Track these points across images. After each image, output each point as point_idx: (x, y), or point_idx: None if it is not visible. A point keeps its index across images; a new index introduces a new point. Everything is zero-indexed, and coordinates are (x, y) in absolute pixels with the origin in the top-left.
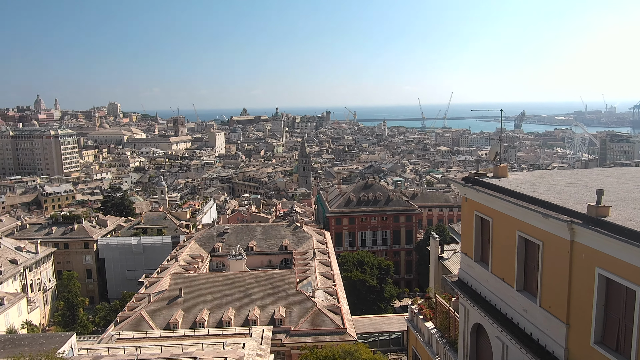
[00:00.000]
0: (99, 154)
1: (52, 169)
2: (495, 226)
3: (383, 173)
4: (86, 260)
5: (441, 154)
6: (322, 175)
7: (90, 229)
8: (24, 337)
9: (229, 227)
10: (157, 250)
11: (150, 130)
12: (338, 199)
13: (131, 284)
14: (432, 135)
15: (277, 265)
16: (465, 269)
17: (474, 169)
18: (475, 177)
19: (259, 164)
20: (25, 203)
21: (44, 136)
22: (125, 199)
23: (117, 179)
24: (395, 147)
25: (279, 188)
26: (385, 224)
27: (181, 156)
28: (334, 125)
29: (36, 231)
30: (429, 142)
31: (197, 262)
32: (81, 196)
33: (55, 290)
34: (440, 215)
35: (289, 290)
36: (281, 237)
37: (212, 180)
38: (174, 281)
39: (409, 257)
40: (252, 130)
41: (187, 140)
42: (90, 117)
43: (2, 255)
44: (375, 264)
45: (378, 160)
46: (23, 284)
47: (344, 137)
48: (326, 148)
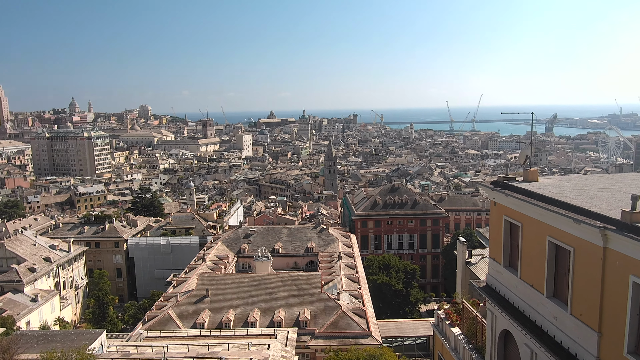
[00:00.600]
0: (129, 156)
1: (85, 170)
2: (525, 231)
3: (410, 176)
4: (116, 259)
5: (469, 157)
6: (348, 178)
7: (120, 229)
8: (56, 333)
9: (255, 228)
10: (185, 250)
11: (179, 132)
12: (364, 201)
13: (159, 283)
14: (461, 138)
15: (303, 268)
16: (493, 275)
17: (503, 172)
18: (504, 181)
19: (285, 166)
20: (59, 203)
21: (77, 138)
22: (154, 200)
23: (147, 180)
24: (423, 150)
25: (305, 190)
26: (411, 227)
27: (209, 158)
28: (361, 128)
29: (69, 230)
30: (457, 145)
31: (223, 263)
32: (112, 196)
33: (87, 288)
34: (467, 220)
35: (314, 293)
36: (307, 239)
37: (239, 182)
38: (201, 281)
39: (435, 261)
40: (279, 132)
41: (215, 142)
42: (122, 120)
43: (37, 253)
44: (401, 268)
45: (405, 163)
46: (56, 281)
47: (370, 140)
48: (353, 151)
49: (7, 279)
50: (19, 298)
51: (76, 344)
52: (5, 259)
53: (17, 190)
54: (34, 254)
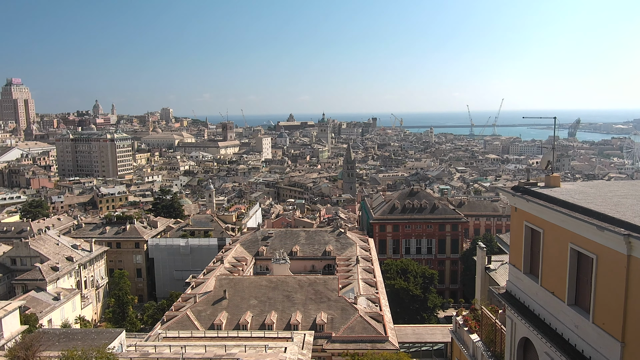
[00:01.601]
0: (151, 157)
1: (107, 171)
2: (546, 238)
3: (429, 180)
4: (136, 259)
5: (490, 162)
6: (367, 181)
7: (141, 230)
8: (77, 331)
9: (273, 231)
10: (204, 252)
11: (200, 134)
12: (382, 205)
13: (178, 284)
14: (481, 143)
15: (320, 271)
16: (513, 281)
17: (524, 178)
18: (525, 187)
19: (304, 169)
20: (82, 203)
21: (101, 139)
22: (174, 201)
23: (167, 181)
24: (443, 154)
25: (323, 194)
26: (430, 232)
27: (229, 160)
28: (380, 131)
29: (91, 230)
30: (478, 150)
31: (241, 265)
32: (133, 197)
33: (107, 287)
34: (487, 225)
35: (331, 296)
36: (325, 242)
37: (258, 185)
38: (219, 283)
39: (454, 266)
40: (298, 135)
41: (235, 145)
42: (144, 122)
43: (60, 252)
44: (419, 273)
45: (424, 167)
46: (78, 280)
47: (389, 144)
48: (372, 154)
49: (30, 277)
50: (41, 296)
51: (96, 342)
52: (29, 257)
53: (42, 191)
54: (57, 253)
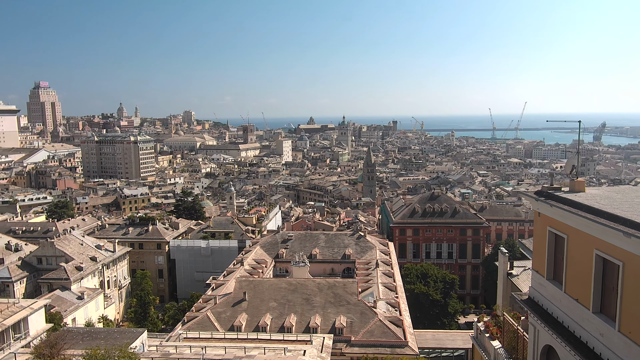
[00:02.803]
0: (173, 160)
1: (130, 173)
2: (571, 243)
3: (450, 184)
4: (158, 260)
5: (512, 166)
6: (387, 185)
7: (163, 231)
8: (100, 330)
9: (293, 234)
10: (224, 253)
11: (221, 137)
12: (403, 209)
13: (199, 285)
14: (503, 147)
15: (340, 274)
16: (536, 287)
17: (547, 182)
18: (549, 191)
19: (324, 172)
20: (106, 204)
21: (124, 142)
22: (196, 203)
23: (189, 183)
24: (464, 158)
25: (343, 197)
26: (451, 236)
27: (250, 163)
28: (401, 135)
29: (114, 231)
30: (500, 154)
31: (261, 267)
32: (156, 199)
33: (129, 288)
34: (510, 230)
35: (350, 300)
36: (344, 245)
37: (278, 187)
38: (239, 285)
39: (475, 272)
40: (318, 138)
41: (255, 147)
42: (166, 125)
43: (84, 252)
44: (440, 278)
45: (445, 171)
46: (101, 280)
47: (410, 147)
48: (392, 158)
49: (56, 276)
50: (66, 295)
51: (119, 342)
52: (54, 257)
53: (67, 192)
54: (81, 253)
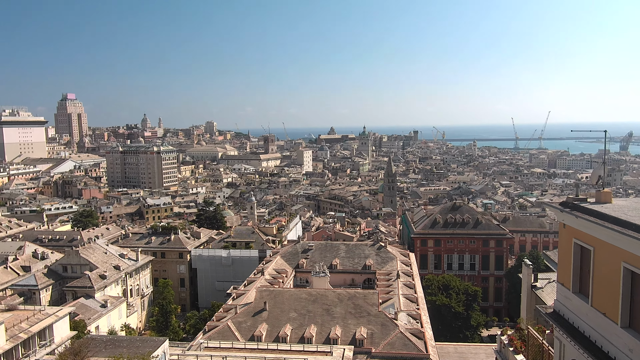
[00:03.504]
0: (195, 170)
1: (153, 183)
2: (597, 256)
3: (472, 195)
4: (180, 269)
5: (536, 177)
6: (407, 195)
7: (185, 240)
8: (122, 339)
9: (313, 244)
10: (245, 263)
11: (242, 147)
12: (424, 219)
13: (220, 295)
14: (526, 157)
15: (360, 285)
16: (561, 300)
17: (572, 193)
18: (574, 202)
19: (344, 182)
20: (130, 213)
21: (148, 152)
22: (217, 213)
23: (210, 193)
24: (486, 168)
25: (363, 207)
26: (473, 247)
27: (270, 173)
28: (422, 144)
29: (137, 240)
30: (523, 164)
31: (281, 277)
32: (178, 209)
33: (151, 296)
34: (534, 241)
35: (371, 311)
36: (365, 256)
37: (299, 197)
38: (260, 294)
39: (498, 284)
40: (339, 148)
41: (276, 157)
42: (189, 135)
43: (108, 261)
44: (462, 289)
45: (467, 181)
46: (124, 288)
47: (431, 157)
48: (413, 168)
49: (80, 284)
50: (90, 303)
51: (141, 350)
52: (79, 265)
53: (92, 201)
54: (105, 262)
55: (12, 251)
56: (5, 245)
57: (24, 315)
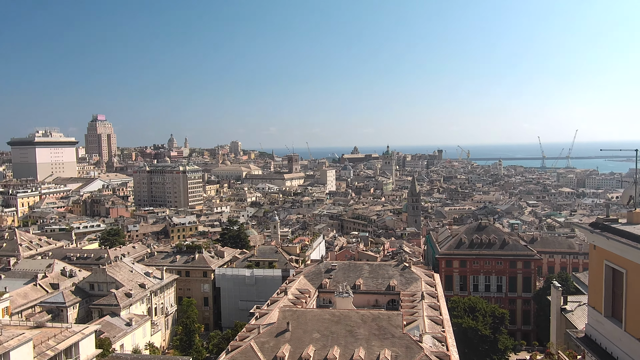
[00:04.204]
0: (220, 189)
1: (179, 202)
2: (630, 279)
3: (498, 215)
4: (204, 288)
5: (564, 196)
6: (432, 215)
7: (209, 259)
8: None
9: (336, 263)
10: (268, 282)
11: (266, 167)
12: (449, 240)
13: (243, 314)
14: (554, 176)
15: (384, 306)
16: (593, 325)
17: (602, 213)
18: (605, 223)
19: (368, 201)
20: (155, 232)
21: (174, 171)
22: (241, 232)
23: (235, 212)
24: (512, 187)
25: (387, 227)
26: (500, 269)
27: (294, 192)
28: (446, 164)
29: (163, 258)
30: (550, 183)
31: (305, 297)
32: (203, 227)
33: (175, 315)
34: (563, 263)
35: (395, 333)
36: (389, 276)
37: (322, 217)
38: (283, 315)
39: (526, 306)
40: (362, 168)
41: (300, 177)
42: (214, 155)
43: (133, 279)
44: (489, 312)
45: (493, 201)
46: (149, 307)
47: (456, 176)
48: (437, 187)
49: (106, 302)
50: (115, 321)
51: None
52: (105, 283)
53: (119, 220)
54: (131, 280)
55: (41, 269)
56: (36, 262)
57: (51, 333)
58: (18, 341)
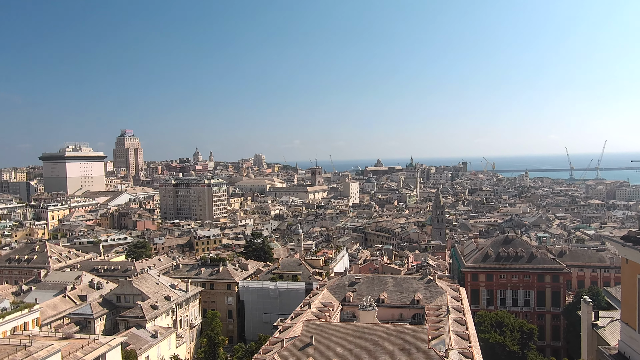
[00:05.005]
0: (244, 202)
1: (204, 215)
2: None
3: (525, 227)
4: (228, 301)
5: (593, 208)
6: (457, 227)
7: (233, 272)
8: None
9: (360, 277)
10: (292, 295)
11: (290, 180)
12: (475, 253)
13: (267, 327)
14: (582, 187)
15: (409, 320)
16: (626, 341)
17: (634, 226)
18: (637, 236)
19: (392, 214)
20: (180, 245)
21: (199, 185)
22: (265, 245)
23: (258, 225)
24: (539, 199)
25: (411, 239)
26: (527, 283)
27: (317, 205)
28: (471, 176)
29: (187, 271)
30: (579, 195)
31: (328, 311)
32: (227, 240)
33: (200, 327)
34: (593, 277)
35: (420, 348)
36: (413, 290)
37: (346, 230)
38: (306, 328)
39: (555, 321)
40: (385, 180)
41: (323, 189)
42: (238, 168)
43: (159, 291)
44: (517, 327)
45: (519, 213)
46: (174, 319)
47: (481, 189)
48: (462, 199)
49: (132, 314)
50: (141, 333)
51: None
52: (132, 295)
53: (146, 232)
54: (156, 292)
55: (70, 281)
56: (65, 274)
57: (79, 344)
58: (47, 352)
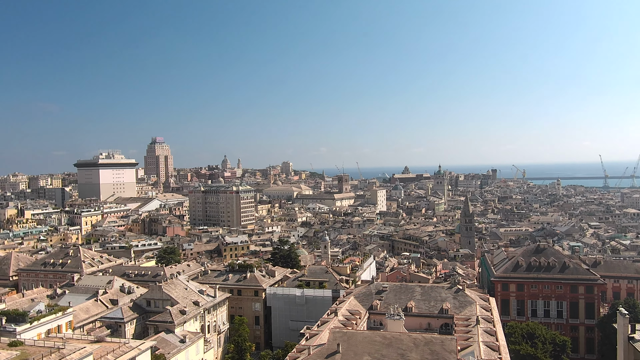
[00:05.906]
0: (271, 209)
1: (232, 221)
2: None
3: (557, 237)
4: (255, 307)
5: (629, 217)
6: (486, 236)
7: (260, 278)
8: None
9: (387, 285)
10: (319, 303)
11: (317, 187)
12: (505, 262)
13: (293, 334)
14: (617, 196)
15: (437, 330)
16: None
17: None
18: None
19: (419, 222)
20: (209, 251)
21: (227, 192)
22: (292, 252)
23: (285, 232)
24: (572, 208)
25: (439, 248)
26: (560, 293)
27: (344, 212)
28: (501, 183)
29: (215, 277)
30: (614, 203)
31: (355, 319)
32: (254, 247)
33: (227, 333)
34: (629, 288)
35: (448, 358)
36: (441, 299)
37: (373, 237)
38: (333, 336)
39: (589, 334)
40: (413, 188)
41: (350, 197)
42: (266, 175)
43: (188, 297)
44: (549, 339)
45: (551, 222)
46: (202, 324)
47: (511, 197)
48: (491, 207)
49: (161, 319)
50: (170, 338)
51: None
52: (161, 300)
53: (175, 238)
54: (185, 298)
55: (102, 285)
56: (97, 279)
57: (110, 347)
58: (80, 355)
